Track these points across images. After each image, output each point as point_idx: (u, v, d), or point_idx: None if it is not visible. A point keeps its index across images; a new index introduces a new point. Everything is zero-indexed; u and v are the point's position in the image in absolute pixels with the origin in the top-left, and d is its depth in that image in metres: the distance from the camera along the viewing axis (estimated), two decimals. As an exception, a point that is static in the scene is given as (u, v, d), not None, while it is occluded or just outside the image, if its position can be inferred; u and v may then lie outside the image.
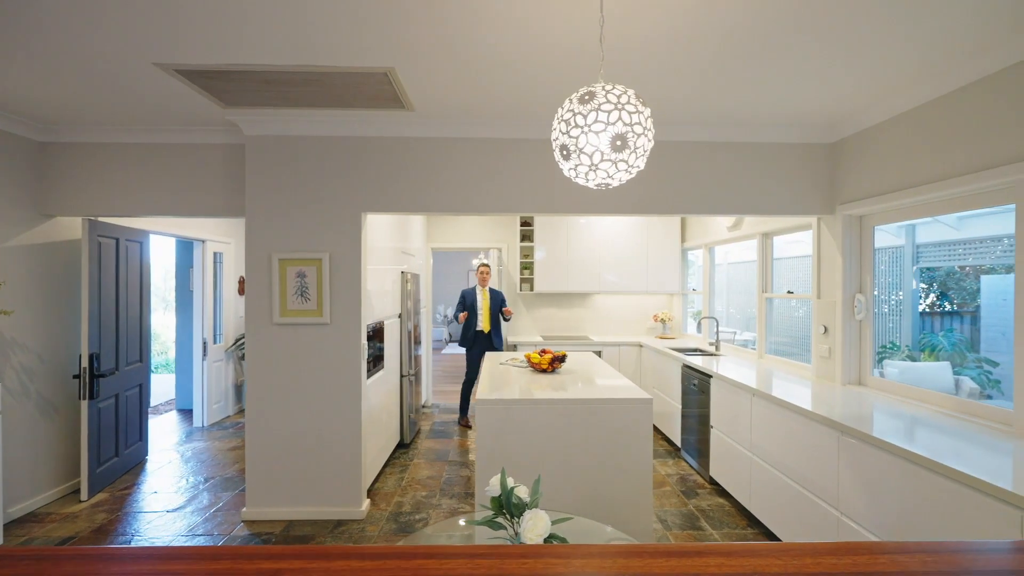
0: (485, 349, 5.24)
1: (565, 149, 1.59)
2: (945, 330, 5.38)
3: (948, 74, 2.38)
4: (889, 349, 5.42)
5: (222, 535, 3.02)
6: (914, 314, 5.20)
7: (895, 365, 5.03)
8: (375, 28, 2.06)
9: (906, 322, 5.23)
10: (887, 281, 5.27)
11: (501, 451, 2.76)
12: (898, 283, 5.26)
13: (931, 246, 4.94)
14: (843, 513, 2.30)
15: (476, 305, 5.28)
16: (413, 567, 0.77)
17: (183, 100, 2.83)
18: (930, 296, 5.40)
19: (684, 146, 3.32)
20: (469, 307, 5.30)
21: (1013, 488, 1.56)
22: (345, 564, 0.77)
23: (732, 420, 3.37)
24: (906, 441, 2.06)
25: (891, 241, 5.24)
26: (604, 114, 1.50)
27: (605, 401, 2.80)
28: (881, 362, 5.27)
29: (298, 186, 3.20)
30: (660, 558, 0.81)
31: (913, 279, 5.09)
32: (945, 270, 5.16)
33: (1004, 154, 2.16)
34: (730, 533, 3.03)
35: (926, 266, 4.98)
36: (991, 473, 1.70)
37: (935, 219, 4.71)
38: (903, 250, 5.08)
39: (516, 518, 1.30)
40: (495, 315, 5.30)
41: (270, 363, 3.19)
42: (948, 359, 5.18)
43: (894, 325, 5.39)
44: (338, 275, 3.21)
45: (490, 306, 5.27)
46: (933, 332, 5.36)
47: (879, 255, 5.51)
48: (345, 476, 3.23)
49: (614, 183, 1.65)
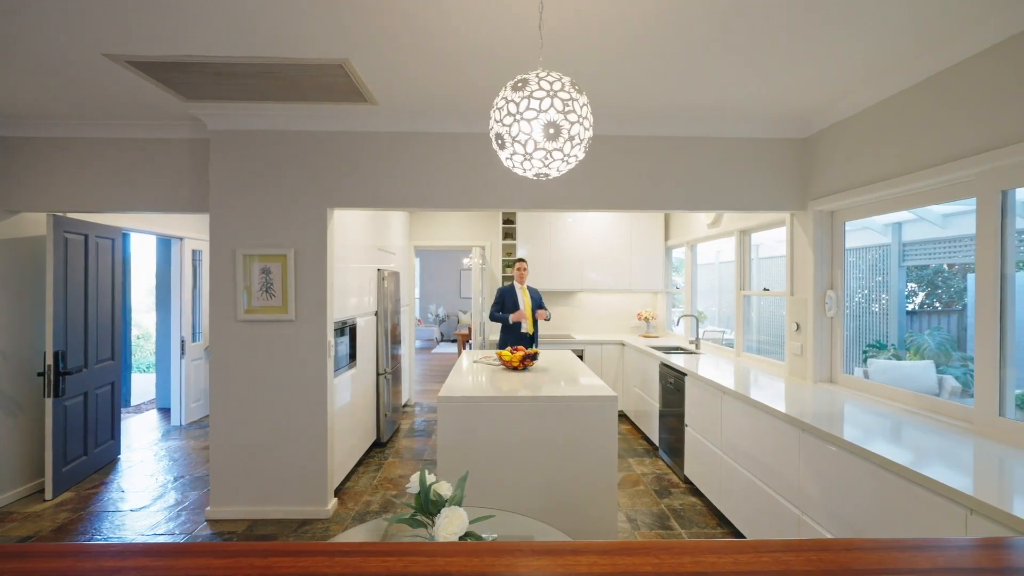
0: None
1: (500, 138, 1.55)
2: (931, 329, 5.33)
3: (912, 66, 2.34)
4: (875, 348, 5.38)
5: (184, 534, 2.98)
6: (900, 313, 5.16)
7: (879, 364, 4.99)
8: (326, 18, 2.02)
9: (892, 321, 5.19)
10: (874, 280, 5.23)
11: (462, 450, 2.72)
12: (885, 282, 5.22)
13: (917, 244, 4.90)
14: (804, 512, 2.26)
15: (519, 304, 4.82)
16: (265, 565, 0.73)
17: (142, 93, 2.80)
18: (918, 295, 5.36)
19: (657, 141, 3.28)
20: (511, 307, 4.83)
21: (961, 487, 1.52)
22: (192, 562, 0.73)
23: (704, 418, 3.33)
24: (863, 439, 2.02)
25: (877, 239, 5.20)
26: (536, 101, 1.46)
27: (570, 399, 2.76)
28: (866, 361, 5.23)
29: (263, 181, 3.16)
30: (529, 557, 0.77)
31: (900, 277, 5.05)
32: (933, 268, 5.12)
33: (965, 146, 2.12)
34: (699, 532, 2.99)
35: (912, 264, 4.94)
36: (943, 470, 1.66)
37: (920, 217, 4.67)
38: (889, 248, 5.04)
39: (436, 516, 1.26)
40: (535, 312, 4.88)
41: (234, 360, 3.15)
42: (933, 358, 5.14)
43: (881, 324, 5.34)
44: (304, 271, 3.17)
45: (532, 305, 4.87)
46: (919, 331, 5.31)
47: (865, 253, 5.46)
48: (311, 474, 3.19)
49: (552, 173, 1.61)
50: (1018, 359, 3.67)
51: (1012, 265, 2.04)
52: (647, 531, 3.00)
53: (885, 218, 4.88)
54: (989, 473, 1.72)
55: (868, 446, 1.89)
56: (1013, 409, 2.03)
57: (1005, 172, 1.99)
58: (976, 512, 1.45)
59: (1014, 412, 2.03)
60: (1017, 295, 2.06)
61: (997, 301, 2.04)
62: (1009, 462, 1.78)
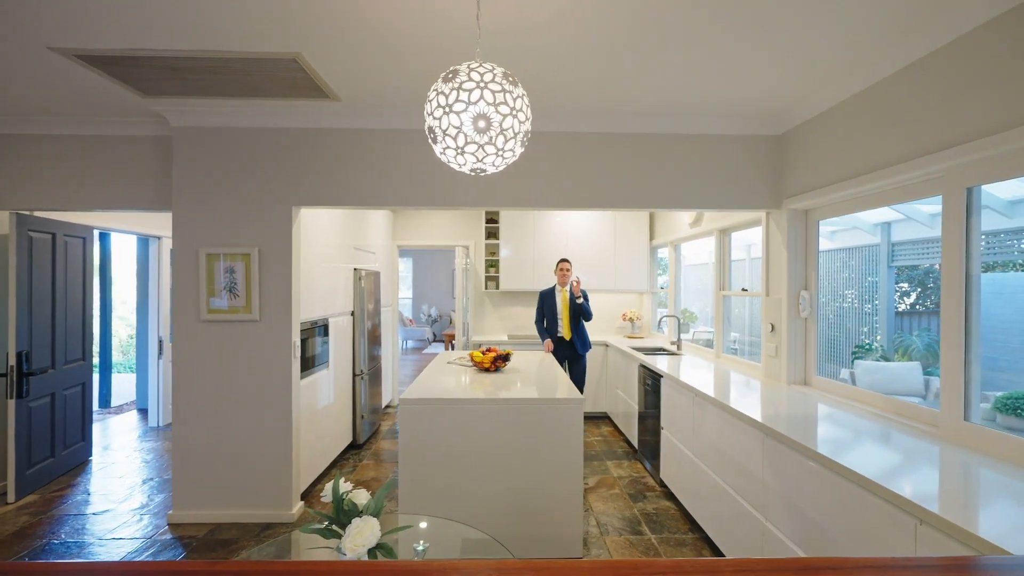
0: (567, 359, 4.57)
1: (431, 131, 1.49)
2: (920, 330, 5.26)
3: (880, 61, 2.27)
4: (863, 348, 5.30)
5: (143, 539, 2.92)
6: (889, 313, 5.09)
7: (866, 365, 4.92)
8: (276, 11, 1.97)
9: (882, 321, 5.12)
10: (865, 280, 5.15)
11: (423, 453, 2.66)
12: (874, 282, 5.14)
13: (907, 244, 4.83)
14: (767, 519, 2.19)
15: (556, 308, 4.57)
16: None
17: (98, 89, 2.74)
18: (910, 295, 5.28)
19: (631, 138, 3.22)
20: (549, 311, 4.58)
21: (912, 495, 1.46)
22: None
23: (679, 421, 3.26)
24: (824, 443, 1.96)
25: (867, 239, 5.13)
26: (466, 93, 1.40)
27: (533, 401, 2.70)
28: (853, 362, 5.15)
29: (227, 179, 3.10)
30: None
31: (889, 278, 4.97)
32: (923, 269, 5.04)
33: (930, 143, 2.06)
34: (669, 538, 2.93)
35: (902, 265, 4.86)
36: (898, 478, 1.60)
37: (908, 217, 4.61)
38: (878, 248, 4.97)
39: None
40: (576, 318, 4.55)
41: (197, 361, 3.10)
42: (921, 359, 5.06)
43: (870, 324, 5.27)
44: (269, 270, 3.11)
45: (570, 309, 4.54)
46: (909, 332, 5.24)
47: (855, 254, 5.39)
48: (275, 477, 3.13)
49: (489, 168, 1.55)
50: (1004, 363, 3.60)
51: (977, 266, 1.98)
52: (616, 536, 2.94)
53: (874, 218, 4.82)
54: (945, 481, 1.66)
55: (827, 451, 1.83)
56: (979, 414, 1.97)
57: (969, 168, 1.93)
58: (926, 523, 1.39)
59: (980, 417, 1.96)
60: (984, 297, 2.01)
61: (962, 303, 1.98)
62: (970, 469, 1.72)
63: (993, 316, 3.59)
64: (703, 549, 2.80)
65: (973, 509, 1.42)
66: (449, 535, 1.71)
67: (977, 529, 1.26)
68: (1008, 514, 1.40)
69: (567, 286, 4.56)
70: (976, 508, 1.43)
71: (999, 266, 3.66)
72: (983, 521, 1.33)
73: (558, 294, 4.57)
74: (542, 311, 4.61)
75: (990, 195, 3.29)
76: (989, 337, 3.62)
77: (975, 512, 1.39)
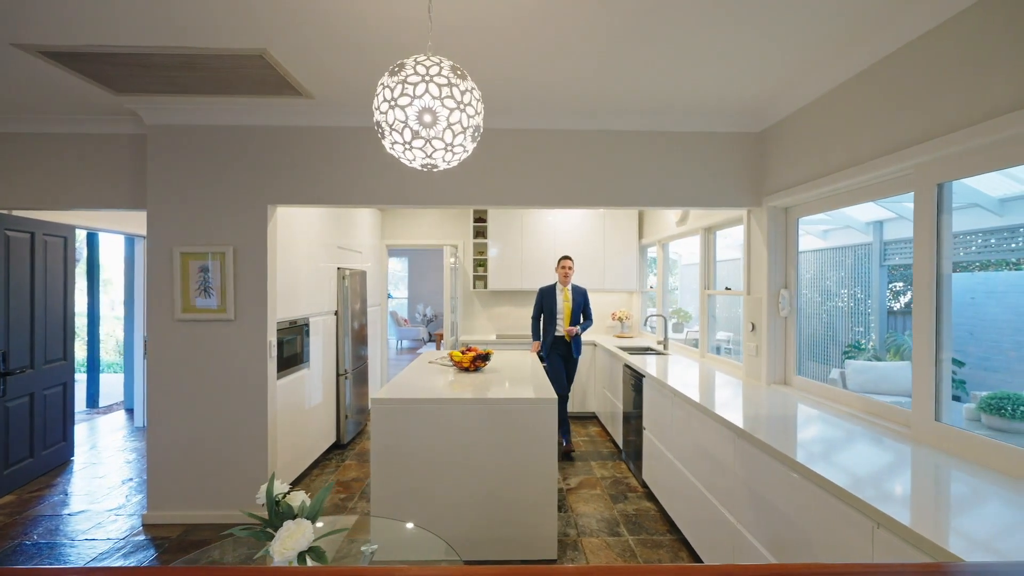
0: (563, 357, 4.40)
1: (379, 126, 1.46)
2: (911, 329, 5.21)
3: (855, 55, 2.24)
4: (855, 348, 5.26)
5: (116, 539, 2.90)
6: (882, 313, 5.04)
7: (856, 365, 4.87)
8: (240, 6, 1.94)
9: (874, 320, 5.07)
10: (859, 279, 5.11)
11: (396, 454, 2.63)
12: (866, 281, 5.10)
13: (900, 243, 4.78)
14: (739, 521, 2.16)
15: (556, 307, 4.39)
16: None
17: (69, 87, 2.71)
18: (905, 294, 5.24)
19: (611, 135, 3.19)
20: (549, 309, 4.41)
21: (870, 498, 1.43)
22: None
23: (659, 421, 3.23)
24: (792, 444, 1.92)
25: (860, 239, 5.08)
26: (411, 87, 1.37)
27: (506, 401, 2.67)
28: (844, 362, 5.10)
29: (202, 177, 3.08)
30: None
31: (881, 277, 4.92)
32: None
33: (902, 138, 2.02)
34: (647, 539, 2.89)
35: (895, 264, 4.82)
36: (860, 480, 1.57)
37: (899, 216, 4.56)
38: (871, 247, 4.93)
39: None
40: (577, 319, 4.43)
41: (172, 361, 3.07)
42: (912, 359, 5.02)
43: (862, 324, 5.22)
44: (244, 270, 3.08)
45: (572, 308, 4.39)
46: (901, 331, 5.19)
47: (846, 253, 5.34)
48: (251, 478, 3.10)
49: (440, 164, 1.52)
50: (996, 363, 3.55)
51: (948, 264, 1.94)
52: (592, 537, 2.91)
53: (866, 216, 4.78)
54: (905, 483, 1.62)
55: (792, 451, 1.79)
56: (950, 414, 1.93)
57: (940, 164, 1.89)
58: (882, 526, 1.35)
59: (951, 417, 1.93)
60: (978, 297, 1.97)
61: (933, 302, 1.94)
62: (933, 471, 1.68)
63: (986, 316, 3.55)
64: (680, 551, 2.76)
65: (930, 512, 1.38)
66: (403, 537, 1.68)
67: (934, 535, 1.22)
68: (966, 518, 1.37)
69: (568, 285, 4.42)
70: (933, 511, 1.40)
71: (992, 265, 3.62)
72: (938, 524, 1.29)
73: (559, 292, 4.41)
74: (540, 308, 4.44)
75: (981, 193, 3.25)
76: (982, 337, 3.58)
77: (932, 515, 1.36)
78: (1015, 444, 2.63)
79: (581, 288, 4.52)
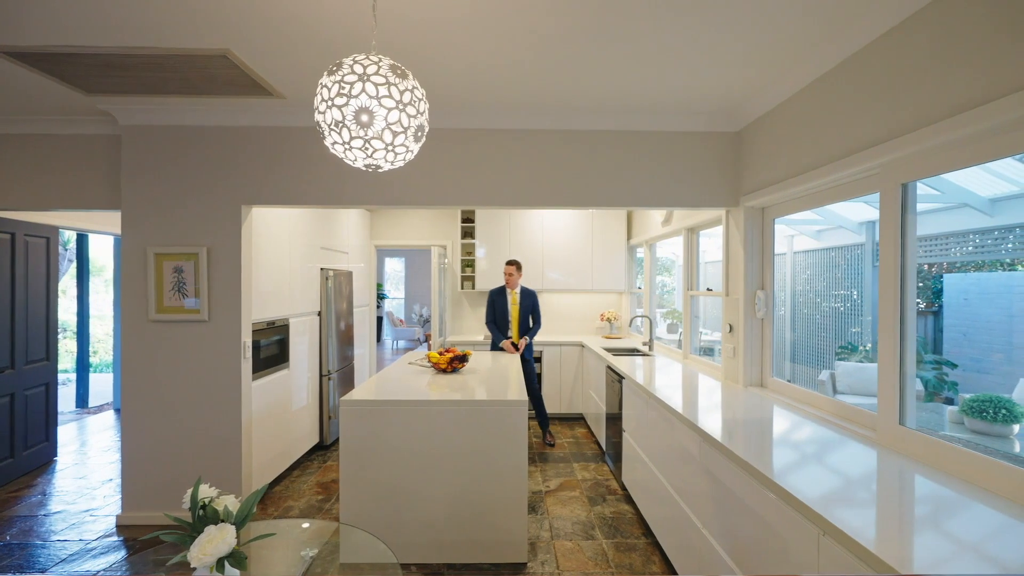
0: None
1: (319, 126, 1.45)
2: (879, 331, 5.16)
3: (824, 53, 2.20)
4: (846, 349, 5.21)
5: (88, 540, 2.89)
6: (875, 314, 4.98)
7: (846, 367, 4.83)
8: (200, 6, 1.94)
9: (868, 322, 5.02)
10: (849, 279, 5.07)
11: (365, 456, 2.62)
12: (859, 282, 5.05)
13: None
14: (704, 525, 2.13)
15: (507, 311, 4.48)
16: None
17: (41, 87, 2.71)
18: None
19: (589, 135, 3.16)
20: (500, 313, 4.50)
21: (816, 503, 1.40)
22: None
23: (636, 422, 3.20)
24: (752, 447, 1.89)
25: (853, 239, 5.03)
26: (347, 86, 1.36)
27: (476, 403, 2.65)
28: (833, 364, 5.06)
29: (176, 178, 3.07)
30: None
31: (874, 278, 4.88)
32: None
33: (868, 137, 1.99)
34: (621, 542, 2.87)
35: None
36: (811, 486, 1.54)
37: None
38: (864, 248, 4.88)
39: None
40: (526, 322, 4.50)
41: (146, 361, 3.07)
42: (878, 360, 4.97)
43: (855, 325, 5.17)
44: (218, 270, 3.08)
45: (520, 312, 4.47)
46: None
47: (839, 253, 5.29)
48: (226, 478, 3.09)
49: (384, 165, 1.50)
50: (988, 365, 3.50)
51: (913, 265, 1.91)
52: (565, 540, 2.89)
53: (859, 216, 4.74)
54: (862, 491, 1.58)
55: (747, 454, 1.77)
56: (914, 418, 1.90)
57: (903, 163, 1.86)
58: (827, 534, 1.33)
59: (915, 421, 1.89)
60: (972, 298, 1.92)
61: (898, 304, 1.91)
62: (897, 478, 1.65)
63: (979, 318, 3.50)
64: (652, 555, 2.74)
65: (872, 520, 1.35)
66: (345, 541, 1.67)
67: (870, 543, 1.20)
68: (910, 529, 1.34)
69: (516, 288, 4.53)
70: (874, 520, 1.37)
71: (987, 266, 3.58)
72: (881, 533, 1.26)
73: (508, 296, 4.53)
74: (493, 311, 4.51)
75: (971, 194, 3.21)
76: (976, 339, 3.53)
77: (872, 523, 1.33)
78: (997, 447, 2.60)
79: (530, 290, 4.61)
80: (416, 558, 2.62)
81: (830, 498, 1.45)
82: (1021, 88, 1.40)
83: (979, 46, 1.54)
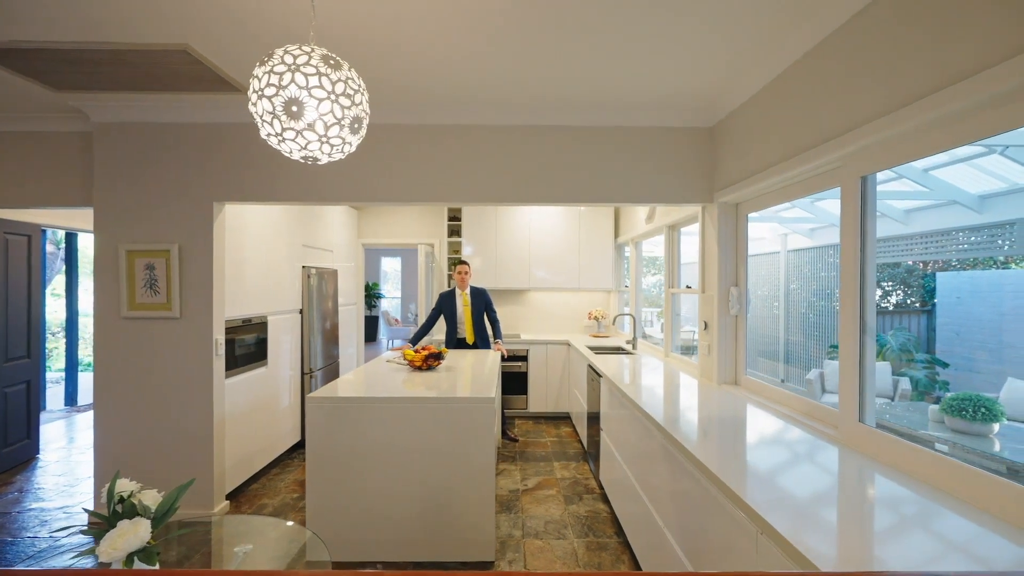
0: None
1: (254, 117, 1.43)
2: (895, 329, 5.11)
3: (790, 45, 2.17)
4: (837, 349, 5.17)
5: (59, 537, 2.89)
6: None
7: (834, 366, 4.78)
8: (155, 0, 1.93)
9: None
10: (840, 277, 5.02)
11: (332, 454, 2.60)
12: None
13: (885, 241, 4.68)
14: (664, 523, 2.10)
15: (456, 311, 4.47)
16: None
17: (5, 84, 2.71)
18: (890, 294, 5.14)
19: (562, 131, 3.13)
20: (448, 315, 4.50)
21: (757, 503, 1.37)
22: None
23: (612, 420, 3.17)
24: (709, 445, 1.86)
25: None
26: (276, 76, 1.34)
27: (443, 400, 2.63)
28: (823, 362, 5.01)
29: (147, 175, 3.07)
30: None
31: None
32: (904, 267, 4.89)
33: (829, 130, 1.96)
34: (592, 542, 2.84)
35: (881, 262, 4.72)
36: (758, 482, 1.51)
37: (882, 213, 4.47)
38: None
39: (126, 530, 1.14)
40: (480, 322, 4.49)
41: (118, 358, 3.07)
42: (895, 359, 4.92)
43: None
44: (189, 267, 3.07)
45: (472, 311, 4.45)
46: (883, 331, 5.08)
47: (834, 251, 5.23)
48: (198, 476, 3.09)
49: (322, 158, 1.49)
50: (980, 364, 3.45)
51: (872, 260, 1.88)
52: (536, 540, 2.86)
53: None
54: (806, 490, 1.55)
55: (695, 448, 1.74)
56: (873, 415, 1.86)
57: (862, 156, 1.83)
58: (764, 533, 1.30)
59: (873, 419, 1.86)
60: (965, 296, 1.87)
61: (857, 299, 1.87)
62: (851, 477, 1.62)
63: (971, 316, 3.45)
64: (623, 554, 2.71)
65: (813, 520, 1.32)
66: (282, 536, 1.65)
67: (800, 544, 1.17)
68: (849, 528, 1.31)
69: (467, 289, 4.56)
70: (816, 520, 1.33)
71: (980, 263, 3.53)
72: (816, 532, 1.23)
73: (458, 297, 4.55)
74: (439, 311, 4.51)
75: (960, 190, 3.16)
76: (968, 337, 3.49)
77: (812, 523, 1.30)
78: (976, 446, 2.55)
79: (480, 289, 4.62)
80: (383, 556, 2.60)
81: (774, 497, 1.42)
82: (972, 74, 1.37)
83: (931, 34, 1.50)
